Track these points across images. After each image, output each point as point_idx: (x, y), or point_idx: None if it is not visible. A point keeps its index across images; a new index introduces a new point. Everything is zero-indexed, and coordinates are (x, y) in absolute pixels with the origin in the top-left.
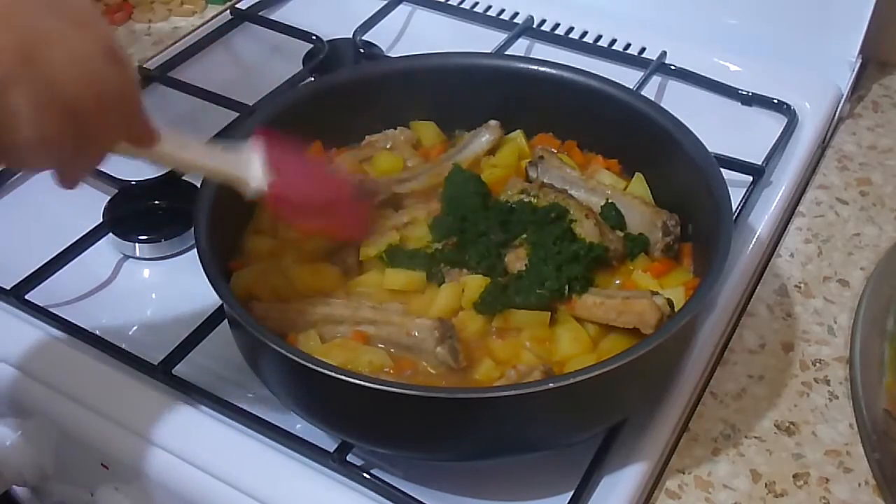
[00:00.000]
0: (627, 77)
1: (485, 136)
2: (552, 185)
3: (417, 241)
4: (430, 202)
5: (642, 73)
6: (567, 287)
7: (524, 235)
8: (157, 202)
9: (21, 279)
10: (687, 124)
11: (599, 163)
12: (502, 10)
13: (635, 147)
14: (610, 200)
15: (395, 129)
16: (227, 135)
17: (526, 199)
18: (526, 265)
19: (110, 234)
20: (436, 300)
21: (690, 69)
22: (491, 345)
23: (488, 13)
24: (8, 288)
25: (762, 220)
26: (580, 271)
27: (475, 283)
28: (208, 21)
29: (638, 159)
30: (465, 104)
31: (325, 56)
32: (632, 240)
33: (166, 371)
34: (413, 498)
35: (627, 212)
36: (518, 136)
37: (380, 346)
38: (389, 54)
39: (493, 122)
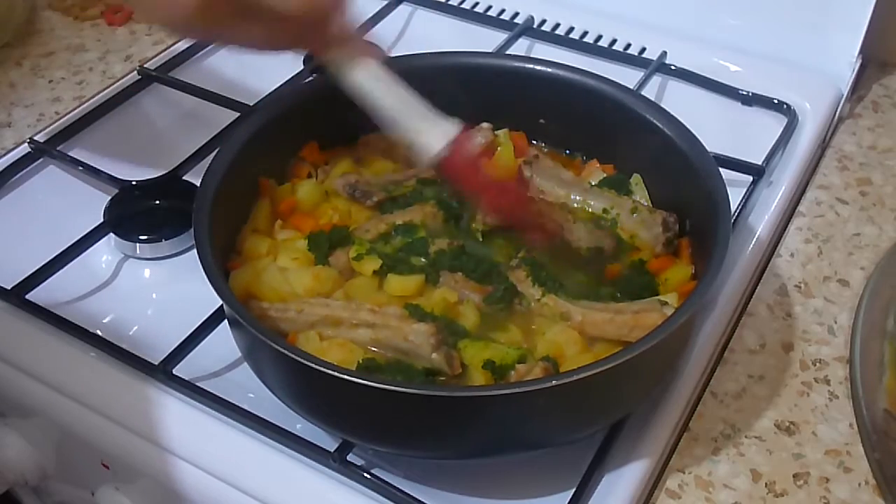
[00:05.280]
0: (627, 77)
1: (477, 138)
2: (530, 196)
3: (412, 243)
4: (424, 203)
5: (642, 73)
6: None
7: (520, 255)
8: (157, 202)
9: (21, 279)
10: (687, 124)
11: (595, 164)
12: (502, 10)
13: (634, 147)
14: (608, 203)
15: None
16: (225, 135)
17: None
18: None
19: (111, 234)
20: (434, 296)
21: (690, 69)
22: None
23: (488, 13)
24: (8, 288)
25: (762, 220)
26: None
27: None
28: None
29: (636, 159)
30: (463, 103)
31: None
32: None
33: (166, 371)
34: (414, 498)
35: (623, 212)
36: (517, 136)
37: (373, 349)
38: (389, 54)
39: (485, 125)
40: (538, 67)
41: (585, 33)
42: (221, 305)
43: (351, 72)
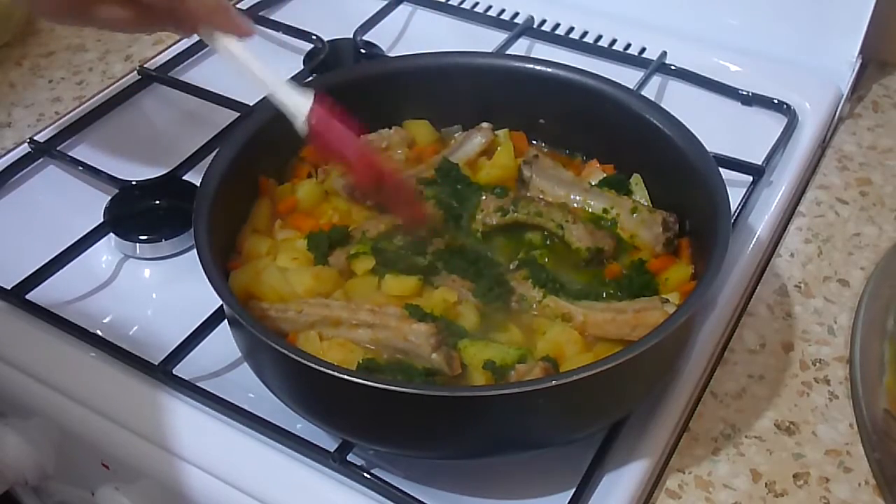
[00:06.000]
0: (627, 77)
1: (477, 138)
2: (530, 196)
3: (411, 243)
4: (424, 203)
5: (642, 73)
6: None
7: (520, 255)
8: (157, 202)
9: (21, 279)
10: (687, 124)
11: (595, 164)
12: (502, 10)
13: (634, 147)
14: (608, 203)
15: (391, 128)
16: (225, 135)
17: (505, 217)
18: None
19: (111, 234)
20: (433, 296)
21: (690, 69)
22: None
23: (488, 13)
24: (8, 288)
25: (762, 220)
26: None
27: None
28: None
29: (636, 159)
30: (462, 103)
31: (325, 56)
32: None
33: (166, 371)
34: (414, 498)
35: (623, 212)
36: (517, 136)
37: (369, 346)
38: (390, 54)
39: (485, 125)
40: (538, 67)
41: (585, 33)
42: (221, 305)
43: (221, 46)
